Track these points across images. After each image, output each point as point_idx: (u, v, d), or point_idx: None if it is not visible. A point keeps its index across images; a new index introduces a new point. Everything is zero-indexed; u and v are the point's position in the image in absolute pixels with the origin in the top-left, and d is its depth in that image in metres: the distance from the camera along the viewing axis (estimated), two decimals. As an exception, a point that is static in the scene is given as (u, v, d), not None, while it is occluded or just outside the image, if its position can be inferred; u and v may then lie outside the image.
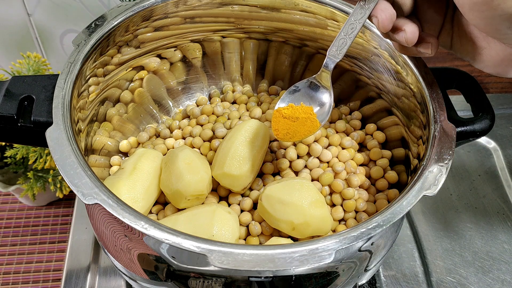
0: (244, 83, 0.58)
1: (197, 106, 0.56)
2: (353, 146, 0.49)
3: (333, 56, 0.39)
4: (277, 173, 0.48)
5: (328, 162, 0.47)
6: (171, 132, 0.53)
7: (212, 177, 0.44)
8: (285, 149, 0.48)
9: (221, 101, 0.56)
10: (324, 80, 0.41)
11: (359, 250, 0.36)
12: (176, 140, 0.51)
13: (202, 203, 0.44)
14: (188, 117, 0.54)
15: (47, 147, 0.35)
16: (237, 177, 0.42)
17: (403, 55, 0.44)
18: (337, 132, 0.50)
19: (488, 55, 0.33)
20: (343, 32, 0.37)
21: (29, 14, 0.66)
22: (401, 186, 0.46)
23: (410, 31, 0.33)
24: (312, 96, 0.42)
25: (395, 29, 0.34)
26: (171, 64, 0.53)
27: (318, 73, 0.41)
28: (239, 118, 0.52)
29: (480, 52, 0.33)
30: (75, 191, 0.32)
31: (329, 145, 0.49)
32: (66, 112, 0.37)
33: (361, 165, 0.49)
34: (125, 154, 0.51)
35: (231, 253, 0.30)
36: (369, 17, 0.35)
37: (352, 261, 0.36)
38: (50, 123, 0.36)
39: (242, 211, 0.44)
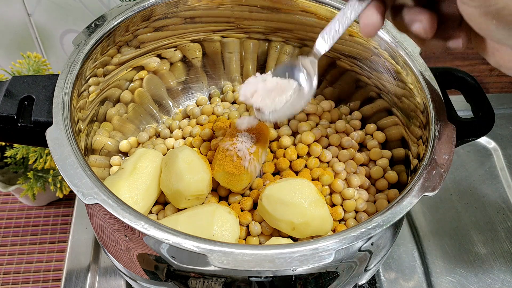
0: (244, 83, 0.58)
1: (197, 106, 0.56)
2: (353, 146, 0.49)
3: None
4: (277, 173, 0.48)
5: (328, 162, 0.47)
6: (171, 132, 0.52)
7: (212, 177, 0.44)
8: (285, 149, 0.48)
9: (221, 101, 0.56)
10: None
11: (359, 250, 0.36)
12: (176, 140, 0.51)
13: (202, 203, 0.44)
14: (188, 117, 0.54)
15: (47, 147, 0.35)
16: (237, 177, 0.42)
17: (403, 55, 0.44)
18: (337, 132, 0.50)
19: (501, 57, 0.32)
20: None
21: (29, 14, 0.66)
22: (401, 186, 0.46)
23: (426, 20, 0.31)
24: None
25: (411, 21, 0.32)
26: (171, 64, 0.53)
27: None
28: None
29: (494, 53, 0.32)
30: (75, 191, 0.32)
31: (329, 145, 0.48)
32: (66, 112, 0.37)
33: (361, 165, 0.49)
34: (125, 154, 0.51)
35: (231, 253, 0.30)
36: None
37: (352, 261, 0.36)
38: (50, 123, 0.36)
39: (242, 211, 0.44)
